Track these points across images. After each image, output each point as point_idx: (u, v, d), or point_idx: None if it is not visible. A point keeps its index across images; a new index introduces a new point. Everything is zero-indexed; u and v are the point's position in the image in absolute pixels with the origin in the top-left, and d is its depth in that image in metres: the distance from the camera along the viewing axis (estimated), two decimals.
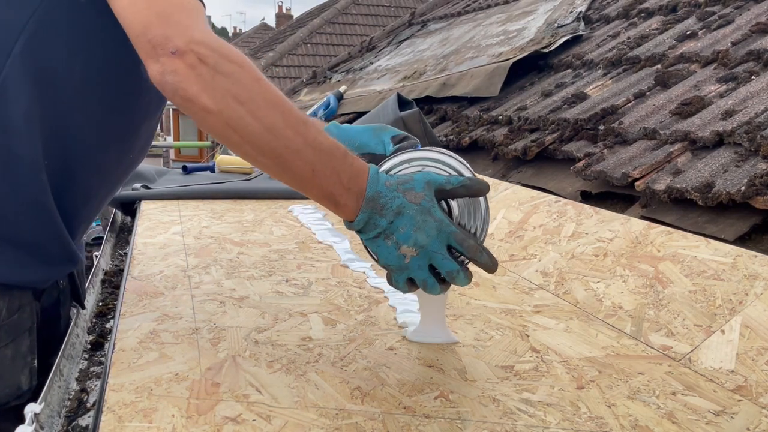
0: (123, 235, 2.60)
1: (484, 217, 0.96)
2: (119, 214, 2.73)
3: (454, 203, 0.96)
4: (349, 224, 0.94)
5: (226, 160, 3.30)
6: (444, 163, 0.98)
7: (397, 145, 1.08)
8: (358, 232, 0.94)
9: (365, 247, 0.98)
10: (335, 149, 0.90)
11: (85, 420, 1.15)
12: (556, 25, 3.37)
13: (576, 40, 3.12)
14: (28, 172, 0.99)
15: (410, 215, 0.89)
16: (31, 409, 0.99)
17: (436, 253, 0.91)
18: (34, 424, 0.97)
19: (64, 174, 1.03)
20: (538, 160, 2.23)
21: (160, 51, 0.84)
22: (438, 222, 0.90)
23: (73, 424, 1.14)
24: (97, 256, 2.11)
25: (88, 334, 1.57)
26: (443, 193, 0.92)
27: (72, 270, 1.15)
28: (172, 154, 11.18)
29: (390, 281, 0.98)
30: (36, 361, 1.11)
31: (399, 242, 0.91)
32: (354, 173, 0.90)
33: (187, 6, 0.88)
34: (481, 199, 0.96)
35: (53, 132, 1.00)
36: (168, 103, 1.05)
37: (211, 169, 3.37)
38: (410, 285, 0.96)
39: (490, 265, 0.93)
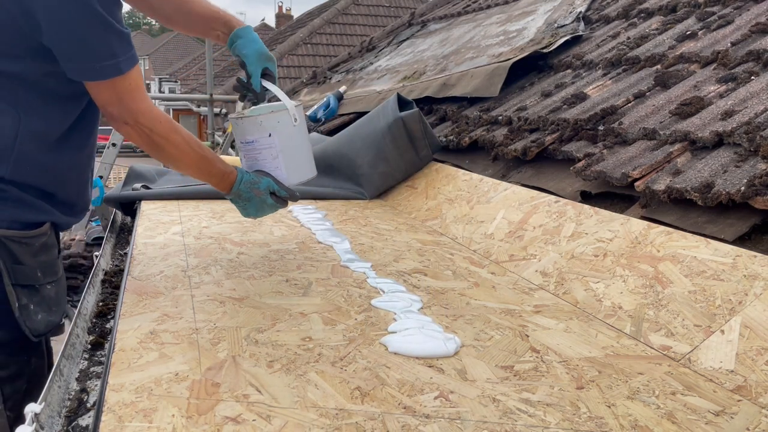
0: (123, 235, 2.60)
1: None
2: (119, 214, 2.73)
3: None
4: (225, 195, 1.69)
5: (226, 160, 3.29)
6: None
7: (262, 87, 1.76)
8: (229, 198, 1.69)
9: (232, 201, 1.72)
10: (221, 174, 1.64)
11: (85, 420, 1.15)
12: (555, 25, 3.37)
13: (576, 40, 3.12)
14: (63, 171, 1.46)
15: (255, 201, 1.68)
16: (31, 409, 0.99)
17: (267, 208, 1.72)
18: (34, 424, 0.97)
19: (83, 165, 1.54)
20: (538, 161, 2.23)
21: (117, 119, 1.43)
22: (270, 206, 1.70)
23: (73, 424, 1.14)
24: (97, 256, 2.12)
25: (88, 334, 1.57)
26: (274, 193, 1.70)
27: (84, 216, 1.66)
28: None
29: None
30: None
31: (248, 206, 1.70)
32: (228, 184, 1.65)
33: (134, 90, 1.40)
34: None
35: (75, 144, 1.47)
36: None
37: None
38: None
39: (292, 201, 1.78)
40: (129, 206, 2.57)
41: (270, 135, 1.69)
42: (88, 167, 1.57)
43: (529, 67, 3.07)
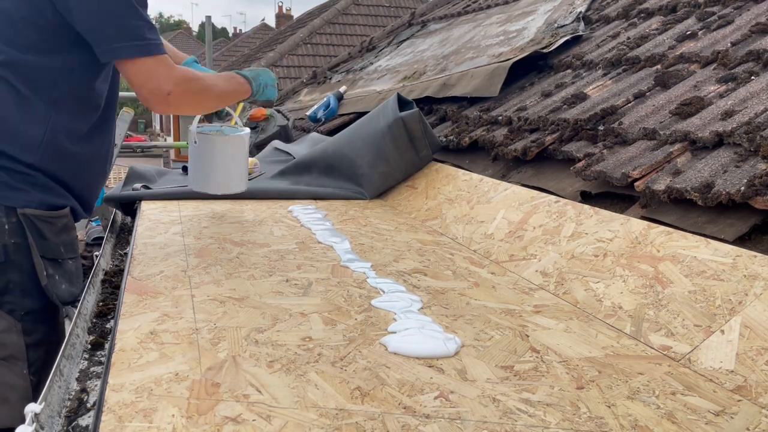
0: (123, 235, 2.60)
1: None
2: (119, 214, 2.73)
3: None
4: (250, 97, 1.97)
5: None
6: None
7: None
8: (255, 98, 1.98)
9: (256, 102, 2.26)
10: (239, 86, 1.91)
11: (85, 420, 1.15)
12: (556, 25, 3.37)
13: (576, 40, 3.12)
14: (85, 166, 1.64)
15: (265, 83, 1.98)
16: (31, 409, 0.99)
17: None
18: (35, 424, 0.97)
19: (101, 161, 1.70)
20: (538, 161, 2.23)
21: (157, 94, 1.57)
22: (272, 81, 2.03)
23: (73, 424, 1.14)
24: (97, 256, 2.12)
25: (88, 334, 1.57)
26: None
27: (90, 214, 1.79)
28: (172, 154, 11.19)
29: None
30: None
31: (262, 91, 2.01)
32: (247, 86, 1.93)
33: (164, 65, 1.56)
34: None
35: (95, 143, 1.65)
36: None
37: None
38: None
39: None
40: (129, 206, 2.57)
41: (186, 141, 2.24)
42: (105, 164, 1.72)
43: (529, 67, 3.07)
